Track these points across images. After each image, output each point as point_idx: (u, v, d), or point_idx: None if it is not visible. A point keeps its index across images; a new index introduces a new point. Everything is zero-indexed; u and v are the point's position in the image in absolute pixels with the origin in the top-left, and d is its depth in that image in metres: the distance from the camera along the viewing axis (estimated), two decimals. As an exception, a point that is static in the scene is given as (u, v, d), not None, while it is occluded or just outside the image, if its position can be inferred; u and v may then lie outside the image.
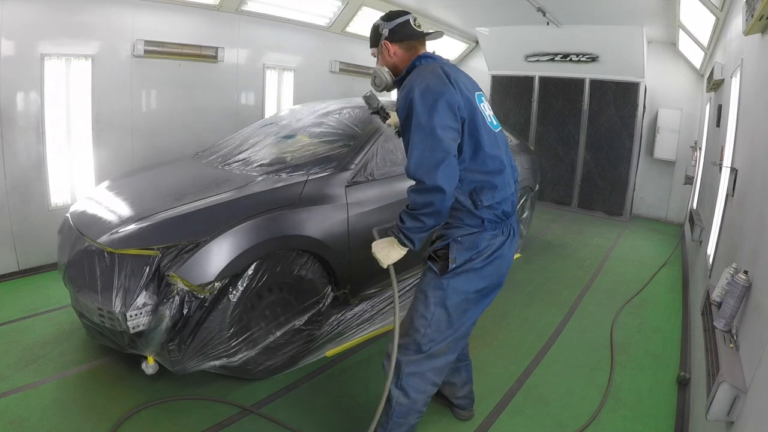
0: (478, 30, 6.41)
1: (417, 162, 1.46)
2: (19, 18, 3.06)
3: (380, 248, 1.61)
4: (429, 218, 1.47)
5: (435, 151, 1.45)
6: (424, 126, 1.46)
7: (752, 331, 1.40)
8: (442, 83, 1.51)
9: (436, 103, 1.47)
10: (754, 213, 1.72)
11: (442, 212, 1.48)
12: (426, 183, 1.44)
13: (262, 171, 2.55)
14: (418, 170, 1.45)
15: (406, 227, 1.52)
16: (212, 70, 4.29)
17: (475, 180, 1.58)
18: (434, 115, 1.46)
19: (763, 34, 2.01)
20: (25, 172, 3.27)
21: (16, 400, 2.04)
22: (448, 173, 1.45)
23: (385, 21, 1.69)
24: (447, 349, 1.70)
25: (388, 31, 1.67)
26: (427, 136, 1.45)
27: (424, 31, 1.70)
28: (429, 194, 1.45)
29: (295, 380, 2.31)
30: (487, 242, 1.61)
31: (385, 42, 1.68)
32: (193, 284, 1.93)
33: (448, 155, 1.46)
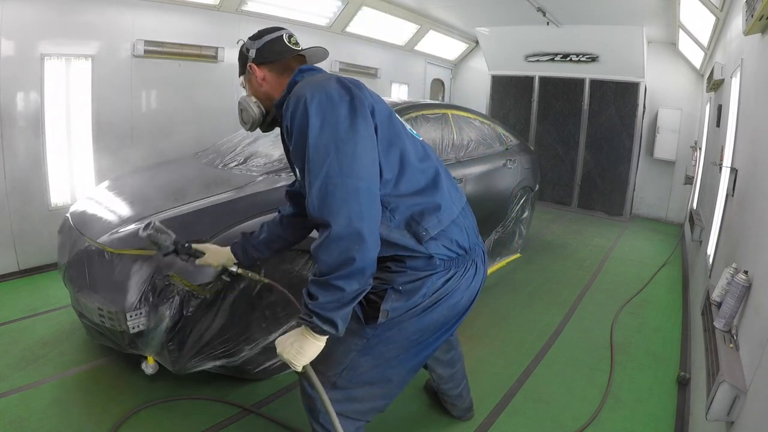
0: (478, 30, 6.42)
1: (318, 197, 1.05)
2: (19, 18, 3.06)
3: (287, 346, 1.14)
4: (350, 282, 1.05)
5: (344, 176, 1.04)
6: (323, 145, 1.06)
7: (752, 331, 1.40)
8: (341, 85, 1.15)
9: (336, 109, 1.09)
10: (754, 213, 1.72)
11: (366, 269, 1.06)
12: (335, 228, 1.03)
13: (262, 171, 2.54)
14: (323, 207, 1.05)
15: (318, 304, 1.07)
16: (212, 70, 4.28)
17: (409, 205, 1.19)
18: (337, 125, 1.07)
19: (763, 34, 2.01)
20: (25, 172, 3.27)
21: (16, 400, 2.04)
22: (367, 209, 1.05)
23: (252, 40, 1.37)
24: (375, 396, 1.38)
25: (255, 51, 1.35)
26: (328, 159, 1.05)
27: (301, 49, 1.36)
28: (342, 245, 1.03)
29: (295, 380, 2.31)
30: (438, 287, 1.24)
31: (250, 65, 1.36)
32: (193, 284, 1.93)
33: (362, 180, 1.05)
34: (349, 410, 1.34)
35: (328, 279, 1.06)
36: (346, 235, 1.03)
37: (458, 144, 3.48)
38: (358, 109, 1.11)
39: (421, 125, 3.20)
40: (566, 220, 5.97)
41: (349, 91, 1.13)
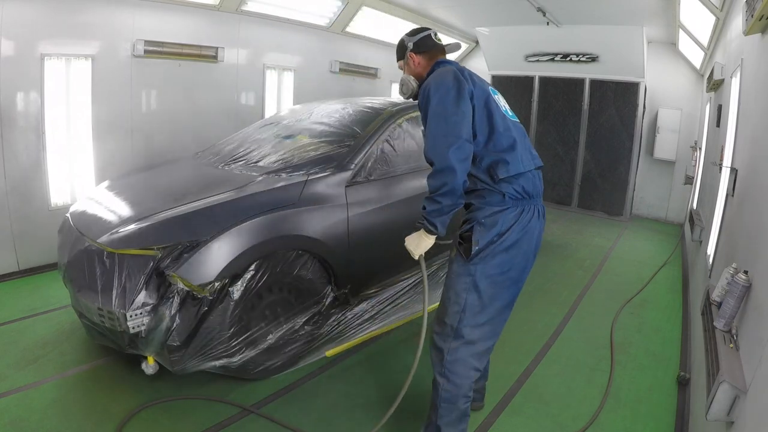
0: (478, 30, 6.42)
1: (431, 145, 1.60)
2: (19, 18, 3.06)
3: (410, 241, 1.72)
4: (444, 198, 1.57)
5: (447, 135, 1.57)
6: (437, 114, 1.61)
7: (752, 331, 1.40)
8: (455, 78, 1.66)
9: (448, 93, 1.62)
10: (754, 213, 1.72)
11: (455, 191, 1.56)
12: (437, 165, 1.56)
13: (262, 171, 2.54)
14: (432, 152, 1.59)
15: (427, 212, 1.62)
16: (212, 70, 4.29)
17: (490, 158, 1.68)
18: (446, 103, 1.61)
19: (763, 34, 2.01)
20: (25, 172, 3.27)
21: (16, 400, 2.04)
22: (458, 154, 1.55)
23: (410, 36, 1.91)
24: (485, 334, 1.75)
25: (413, 44, 1.88)
26: (439, 123, 1.60)
27: (442, 43, 1.91)
28: (442, 175, 1.55)
29: (295, 380, 2.31)
30: (510, 222, 1.66)
31: (410, 54, 1.89)
32: (193, 284, 1.93)
33: (458, 139, 1.56)
34: (467, 354, 1.73)
35: (432, 196, 1.59)
36: (444, 168, 1.55)
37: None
38: (461, 94, 1.63)
39: (421, 125, 3.20)
40: (566, 220, 5.97)
41: (458, 81, 1.65)
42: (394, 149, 2.90)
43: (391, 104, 3.20)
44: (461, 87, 1.64)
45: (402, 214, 2.86)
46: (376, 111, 3.05)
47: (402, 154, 2.95)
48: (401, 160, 2.94)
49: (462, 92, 1.63)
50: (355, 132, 2.84)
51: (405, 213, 2.88)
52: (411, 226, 3.02)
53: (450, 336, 1.72)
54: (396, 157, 2.90)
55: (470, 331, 1.71)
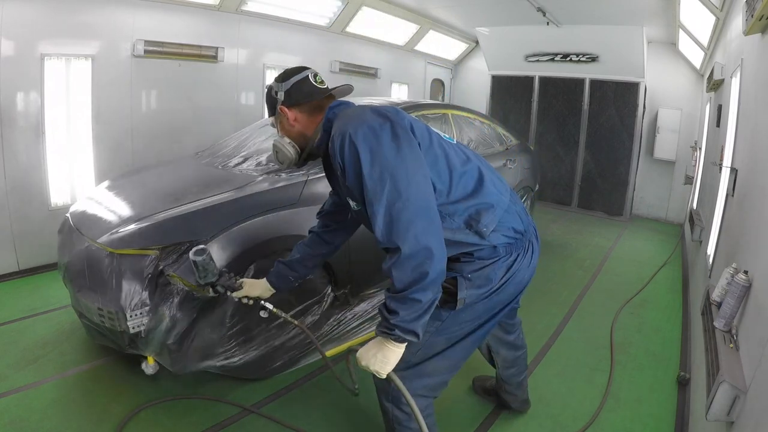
0: (478, 30, 6.42)
1: (385, 222, 1.13)
2: (19, 18, 3.06)
3: (370, 356, 1.26)
4: (425, 293, 1.13)
5: (404, 199, 1.12)
6: (378, 174, 1.13)
7: (752, 331, 1.40)
8: (377, 114, 1.21)
9: (379, 137, 1.16)
10: (754, 213, 1.72)
11: (438, 279, 1.15)
12: (405, 250, 1.11)
13: (262, 171, 2.54)
14: (390, 233, 1.12)
15: (400, 319, 1.15)
16: (212, 70, 4.29)
17: (465, 208, 1.30)
18: (384, 153, 1.14)
19: (763, 34, 2.01)
20: (25, 172, 3.27)
21: (16, 400, 2.04)
22: (429, 225, 1.13)
23: (279, 82, 1.39)
24: (443, 368, 1.48)
25: (283, 94, 1.37)
26: (386, 187, 1.13)
27: (328, 87, 1.42)
28: (415, 263, 1.11)
29: (295, 380, 2.31)
30: (502, 274, 1.38)
31: (281, 108, 1.38)
32: (193, 284, 1.93)
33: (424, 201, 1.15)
34: (420, 387, 1.44)
35: (405, 294, 1.13)
36: (416, 252, 1.11)
37: (458, 144, 3.48)
38: (399, 132, 1.18)
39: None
40: (566, 220, 5.97)
41: (386, 117, 1.20)
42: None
43: (391, 104, 3.20)
44: (393, 123, 1.19)
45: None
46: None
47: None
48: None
49: (398, 129, 1.18)
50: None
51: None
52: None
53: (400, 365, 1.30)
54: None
55: (425, 364, 1.43)
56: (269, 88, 1.43)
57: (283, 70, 1.44)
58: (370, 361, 1.25)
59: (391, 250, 1.15)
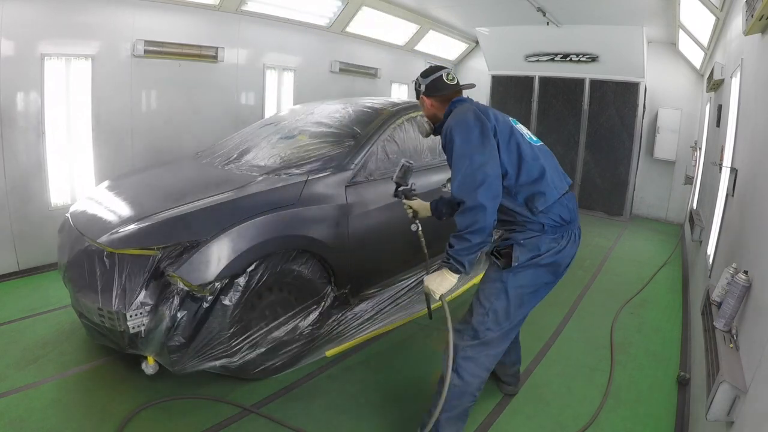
0: (478, 30, 6.42)
1: (459, 185, 1.59)
2: (19, 18, 3.06)
3: (431, 281, 1.68)
4: (474, 236, 1.55)
5: (474, 174, 1.57)
6: (462, 154, 1.62)
7: (752, 331, 1.40)
8: (476, 117, 1.69)
9: (471, 132, 1.64)
10: (754, 213, 1.72)
11: (486, 228, 1.56)
12: (468, 203, 1.55)
13: (262, 171, 2.54)
14: (461, 192, 1.58)
15: (455, 250, 1.59)
16: (212, 70, 4.29)
17: (525, 192, 1.71)
18: (471, 142, 1.62)
19: (763, 34, 2.01)
20: (25, 172, 3.27)
21: (16, 400, 2.04)
22: (488, 192, 1.56)
23: (422, 78, 1.90)
24: (501, 337, 1.81)
25: (425, 87, 1.88)
26: (465, 162, 1.60)
27: (457, 84, 1.89)
28: (472, 213, 1.55)
29: (295, 380, 2.31)
30: (548, 246, 1.73)
31: (422, 96, 1.90)
32: (193, 284, 1.93)
33: (487, 177, 1.57)
34: (481, 355, 1.79)
35: (461, 234, 1.56)
36: (474, 206, 1.54)
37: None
38: (485, 132, 1.65)
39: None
40: (566, 220, 5.97)
41: (479, 120, 1.67)
42: (395, 149, 2.90)
43: (391, 104, 3.20)
44: (483, 125, 1.66)
45: (402, 214, 2.86)
46: (376, 111, 3.04)
47: (402, 154, 2.95)
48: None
49: (485, 130, 1.65)
50: (355, 132, 2.84)
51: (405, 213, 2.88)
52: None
53: (468, 335, 1.78)
54: (396, 157, 2.90)
55: (489, 333, 1.78)
56: (416, 81, 1.93)
57: (428, 66, 1.95)
58: (431, 282, 1.67)
59: (460, 202, 1.58)
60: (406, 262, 3.04)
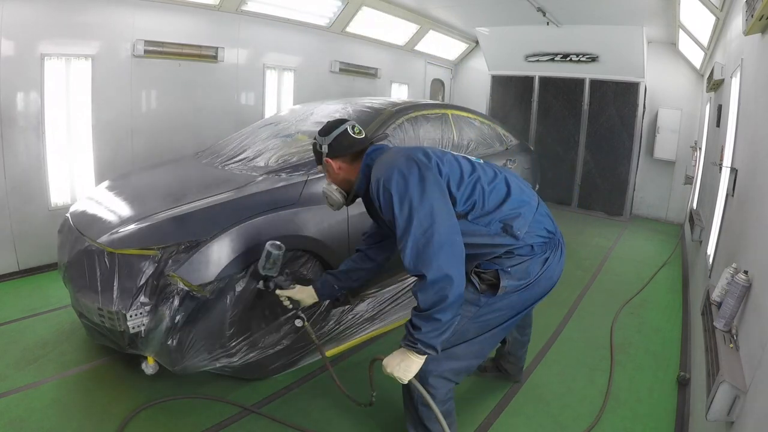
0: (478, 30, 6.42)
1: (412, 254, 1.32)
2: (19, 18, 3.06)
3: (395, 365, 1.44)
4: (445, 313, 1.31)
5: (429, 234, 1.31)
6: (407, 214, 1.34)
7: (752, 331, 1.40)
8: (407, 159, 1.41)
9: (408, 181, 1.36)
10: (754, 213, 1.72)
11: (457, 302, 1.33)
12: (429, 276, 1.29)
13: (262, 171, 2.54)
14: (417, 263, 1.31)
15: (422, 333, 1.34)
16: (212, 70, 4.29)
17: (498, 217, 1.50)
18: (412, 195, 1.34)
19: (763, 34, 2.01)
20: (25, 172, 3.27)
21: (16, 400, 2.04)
22: (451, 255, 1.31)
23: (322, 136, 1.59)
24: (471, 354, 1.61)
25: (327, 147, 1.57)
26: (413, 223, 1.32)
27: (366, 137, 1.60)
28: (437, 288, 1.30)
29: (295, 380, 2.31)
30: (539, 267, 1.57)
31: (326, 159, 1.59)
32: (193, 284, 1.93)
33: (442, 235, 1.31)
34: (447, 370, 1.58)
35: (429, 313, 1.32)
36: (438, 279, 1.30)
37: (458, 144, 3.48)
38: (425, 175, 1.38)
39: (421, 125, 3.20)
40: (566, 220, 5.97)
41: (415, 162, 1.41)
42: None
43: (391, 104, 3.20)
44: (420, 166, 1.39)
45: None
46: (376, 111, 3.05)
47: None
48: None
49: (423, 172, 1.37)
50: (355, 132, 2.84)
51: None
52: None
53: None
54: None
55: (456, 348, 1.57)
56: (314, 142, 1.64)
57: (325, 123, 1.66)
58: (395, 369, 1.44)
59: (417, 276, 1.34)
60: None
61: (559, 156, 6.55)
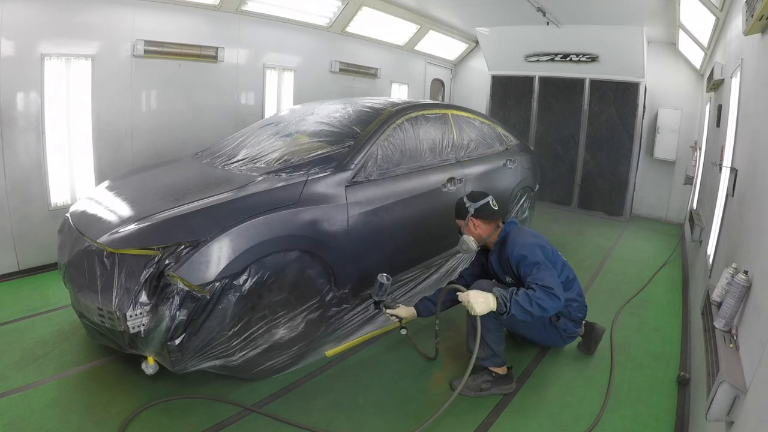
0: (478, 30, 6.42)
1: (552, 284, 2.05)
2: (19, 18, 3.06)
3: (477, 300, 2.01)
4: (539, 310, 2.01)
5: (554, 276, 2.09)
6: (542, 263, 2.12)
7: (752, 331, 1.40)
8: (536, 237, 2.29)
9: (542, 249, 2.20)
10: (754, 213, 1.72)
11: (549, 313, 2.05)
12: (559, 302, 2.03)
13: (262, 171, 2.54)
14: (557, 289, 2.04)
15: (517, 303, 2.00)
16: (212, 70, 4.29)
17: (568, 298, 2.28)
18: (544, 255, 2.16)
19: (763, 34, 2.01)
20: (25, 172, 3.27)
21: (16, 400, 2.04)
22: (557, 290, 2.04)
23: (471, 201, 2.32)
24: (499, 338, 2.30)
25: (474, 209, 2.29)
26: (547, 268, 2.10)
27: (498, 210, 2.35)
28: (555, 306, 2.02)
29: (295, 380, 2.31)
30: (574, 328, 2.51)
31: (471, 219, 2.30)
32: (193, 284, 1.93)
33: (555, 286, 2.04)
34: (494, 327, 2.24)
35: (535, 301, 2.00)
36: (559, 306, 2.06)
37: (458, 144, 3.48)
38: (548, 255, 2.21)
39: (421, 125, 3.20)
40: (566, 220, 5.97)
41: (542, 247, 2.23)
42: (395, 149, 2.91)
43: (391, 104, 3.20)
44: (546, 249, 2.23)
45: (402, 213, 2.86)
46: (376, 111, 3.05)
47: (402, 154, 2.96)
48: (401, 160, 2.94)
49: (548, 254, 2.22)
50: (355, 132, 2.84)
51: (405, 213, 2.89)
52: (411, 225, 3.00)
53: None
54: (396, 156, 2.90)
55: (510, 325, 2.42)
56: (461, 201, 2.37)
57: (472, 192, 2.42)
58: (475, 303, 2.01)
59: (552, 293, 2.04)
60: (406, 262, 3.05)
61: (559, 156, 6.55)
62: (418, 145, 3.11)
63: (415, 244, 3.06)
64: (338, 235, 2.45)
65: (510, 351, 2.69)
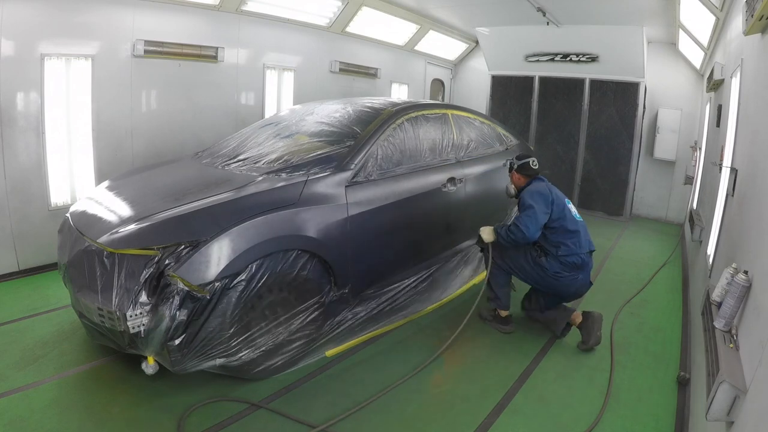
0: (478, 30, 6.42)
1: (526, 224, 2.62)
2: (19, 18, 3.06)
3: (485, 231, 2.87)
4: (516, 241, 2.69)
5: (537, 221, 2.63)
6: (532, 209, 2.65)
7: (752, 331, 1.40)
8: (542, 191, 2.73)
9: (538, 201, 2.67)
10: (754, 213, 1.72)
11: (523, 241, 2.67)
12: (526, 234, 2.62)
13: (262, 171, 2.54)
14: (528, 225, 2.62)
15: (503, 234, 2.75)
16: (212, 70, 4.29)
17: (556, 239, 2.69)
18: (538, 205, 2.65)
19: (763, 34, 2.01)
20: (25, 172, 3.27)
21: (16, 400, 2.04)
22: (537, 231, 2.63)
23: (517, 160, 2.93)
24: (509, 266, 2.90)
25: (518, 166, 2.90)
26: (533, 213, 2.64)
27: (536, 169, 2.89)
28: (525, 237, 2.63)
29: (295, 380, 2.31)
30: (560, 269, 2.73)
31: (513, 173, 2.94)
32: (193, 284, 1.93)
33: (539, 224, 2.63)
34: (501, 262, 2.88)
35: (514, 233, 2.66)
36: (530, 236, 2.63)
37: (458, 144, 3.48)
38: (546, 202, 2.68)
39: (421, 125, 3.20)
40: (566, 220, 5.97)
41: (545, 196, 2.71)
42: (395, 149, 2.90)
43: (391, 104, 3.20)
44: (546, 199, 2.69)
45: (402, 213, 2.87)
46: (376, 111, 3.05)
47: (402, 154, 2.96)
48: (401, 160, 2.94)
49: (547, 201, 2.68)
50: (355, 132, 2.84)
51: (405, 213, 2.89)
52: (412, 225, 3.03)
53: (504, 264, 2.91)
54: (396, 156, 2.90)
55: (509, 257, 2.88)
56: (510, 161, 3.00)
57: (520, 153, 3.21)
58: (483, 233, 2.87)
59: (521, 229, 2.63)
60: (406, 262, 3.05)
61: (559, 156, 6.55)
62: (418, 145, 3.11)
63: (415, 244, 3.06)
64: (338, 235, 2.45)
65: (512, 348, 2.72)
